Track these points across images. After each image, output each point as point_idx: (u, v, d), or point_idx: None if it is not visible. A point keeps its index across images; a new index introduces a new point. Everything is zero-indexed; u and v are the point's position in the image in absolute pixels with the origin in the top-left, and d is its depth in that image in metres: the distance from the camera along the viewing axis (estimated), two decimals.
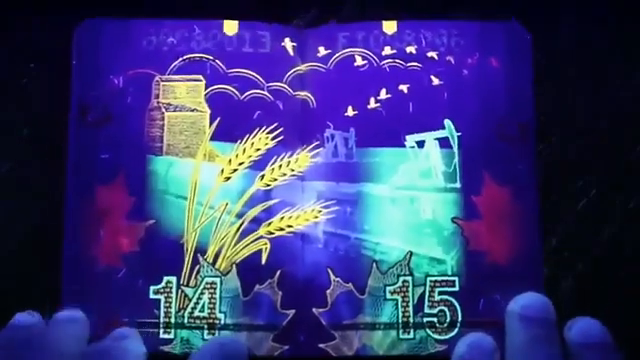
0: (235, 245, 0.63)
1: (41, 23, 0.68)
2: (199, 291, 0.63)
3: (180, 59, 0.66)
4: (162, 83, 0.65)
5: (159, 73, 0.65)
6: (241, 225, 0.63)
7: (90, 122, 0.64)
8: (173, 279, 0.63)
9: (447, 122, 0.64)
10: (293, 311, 0.62)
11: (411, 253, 0.63)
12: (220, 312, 0.62)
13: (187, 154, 0.64)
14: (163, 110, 0.65)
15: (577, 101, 0.67)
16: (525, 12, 0.67)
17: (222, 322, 0.62)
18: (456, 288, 0.63)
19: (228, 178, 0.64)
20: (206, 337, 0.62)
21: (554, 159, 0.65)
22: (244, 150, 0.64)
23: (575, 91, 0.67)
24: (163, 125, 0.65)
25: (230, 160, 0.64)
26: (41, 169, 0.66)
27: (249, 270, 0.63)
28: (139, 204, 0.63)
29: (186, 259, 0.63)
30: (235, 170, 0.64)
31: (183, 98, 0.65)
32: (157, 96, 0.65)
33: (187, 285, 0.63)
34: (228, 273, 0.63)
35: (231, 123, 0.65)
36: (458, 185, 0.64)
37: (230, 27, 0.66)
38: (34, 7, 0.68)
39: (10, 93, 0.67)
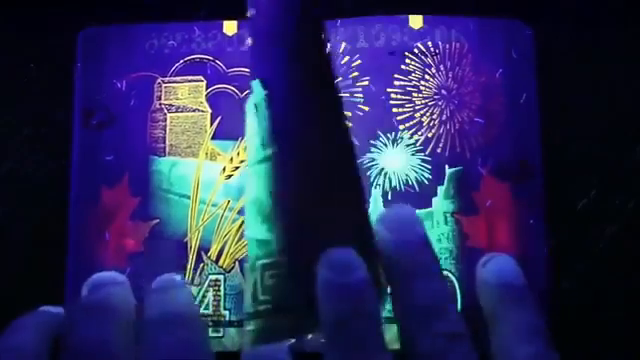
0: (238, 242, 0.64)
1: (44, 25, 0.69)
2: (203, 289, 0.63)
3: (181, 61, 0.66)
4: (164, 85, 0.66)
5: (161, 75, 0.66)
6: (243, 222, 0.64)
7: (93, 125, 0.65)
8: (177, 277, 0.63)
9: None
10: None
11: None
12: (225, 309, 0.63)
13: (189, 154, 0.65)
14: (165, 111, 0.66)
15: (577, 101, 0.67)
16: (524, 10, 0.67)
17: (227, 319, 0.63)
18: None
19: (230, 176, 0.65)
20: (211, 334, 0.62)
21: (554, 158, 0.66)
22: (245, 148, 0.65)
23: (575, 91, 0.68)
24: (165, 126, 0.65)
25: (231, 158, 0.65)
26: (42, 170, 0.66)
27: None
28: (143, 204, 0.64)
29: (190, 257, 0.63)
30: (237, 168, 0.65)
31: (185, 99, 0.66)
32: (159, 98, 0.66)
33: (192, 283, 0.63)
34: (232, 270, 0.63)
35: (232, 122, 0.66)
36: None
37: (230, 28, 0.67)
38: (38, 9, 0.69)
39: (11, 93, 0.68)
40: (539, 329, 0.48)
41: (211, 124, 0.65)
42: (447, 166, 0.65)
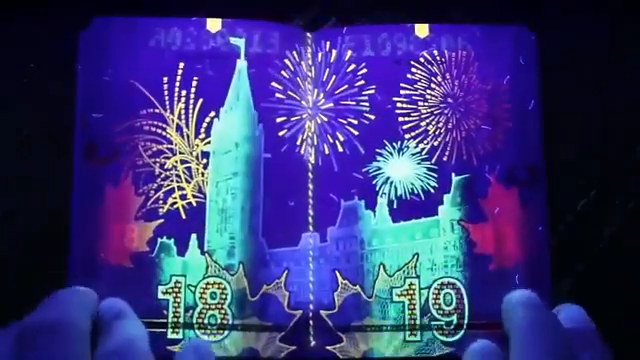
0: None
1: (45, 25, 0.68)
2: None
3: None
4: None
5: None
6: None
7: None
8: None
9: None
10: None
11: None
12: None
13: None
14: None
15: (577, 101, 0.68)
16: (523, 14, 0.67)
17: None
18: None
19: None
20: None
21: (554, 159, 0.66)
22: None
23: (574, 91, 0.68)
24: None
25: None
26: (42, 170, 0.66)
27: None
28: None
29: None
30: None
31: None
32: None
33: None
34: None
35: None
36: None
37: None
38: (38, 9, 0.69)
39: (11, 93, 0.68)
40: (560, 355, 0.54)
41: None
42: (454, 174, 0.65)
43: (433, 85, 0.66)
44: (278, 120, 0.66)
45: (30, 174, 0.67)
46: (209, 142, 0.65)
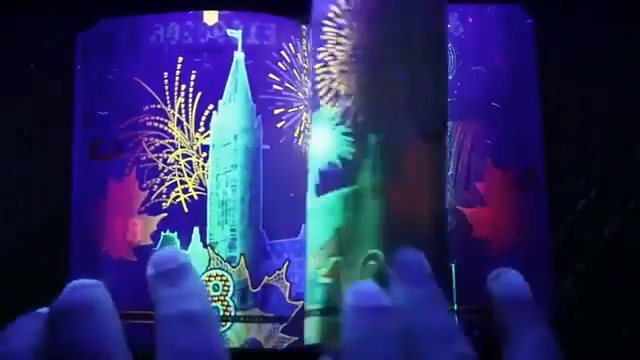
0: None
1: (45, 25, 0.69)
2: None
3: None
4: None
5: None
6: None
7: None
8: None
9: None
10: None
11: None
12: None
13: None
14: None
15: (577, 100, 0.68)
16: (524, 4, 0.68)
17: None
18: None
19: None
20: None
21: (554, 159, 0.66)
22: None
23: (574, 90, 0.68)
24: None
25: None
26: (42, 170, 0.67)
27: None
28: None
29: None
30: None
31: None
32: None
33: None
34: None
35: None
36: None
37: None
38: (38, 9, 0.69)
39: (11, 93, 0.68)
40: (553, 349, 0.53)
41: None
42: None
43: None
44: (276, 112, 0.66)
45: (30, 174, 0.67)
46: (208, 135, 0.65)
